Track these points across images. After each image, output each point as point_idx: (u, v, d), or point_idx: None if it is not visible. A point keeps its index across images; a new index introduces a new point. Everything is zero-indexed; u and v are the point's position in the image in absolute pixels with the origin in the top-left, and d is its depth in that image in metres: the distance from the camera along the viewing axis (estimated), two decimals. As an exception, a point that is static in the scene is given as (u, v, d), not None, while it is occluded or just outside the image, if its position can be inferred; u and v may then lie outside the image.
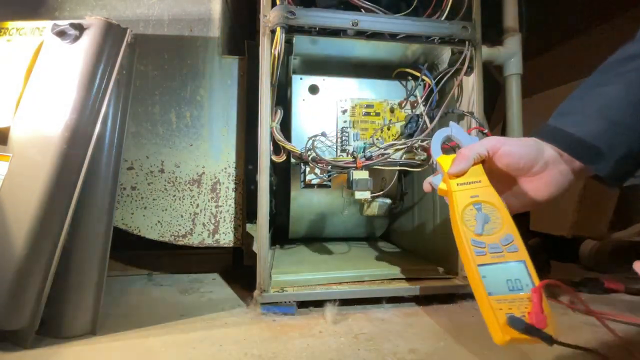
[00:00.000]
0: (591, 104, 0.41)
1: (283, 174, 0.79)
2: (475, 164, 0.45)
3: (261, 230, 0.59)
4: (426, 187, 0.49)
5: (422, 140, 0.70)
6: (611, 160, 0.39)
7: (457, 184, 0.45)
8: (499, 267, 0.40)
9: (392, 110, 0.76)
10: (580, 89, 0.43)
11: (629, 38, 0.42)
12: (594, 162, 0.40)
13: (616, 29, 0.98)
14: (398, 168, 0.71)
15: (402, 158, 0.69)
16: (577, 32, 1.08)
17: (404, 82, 0.79)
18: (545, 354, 0.46)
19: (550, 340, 0.36)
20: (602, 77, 0.42)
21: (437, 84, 0.69)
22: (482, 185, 0.44)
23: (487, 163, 0.45)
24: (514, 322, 0.36)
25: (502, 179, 0.44)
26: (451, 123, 0.52)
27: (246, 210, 0.76)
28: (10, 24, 0.56)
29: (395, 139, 0.73)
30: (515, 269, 0.39)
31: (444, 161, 0.48)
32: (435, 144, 0.51)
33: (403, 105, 0.76)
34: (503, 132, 0.83)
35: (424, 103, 0.72)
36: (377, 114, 0.76)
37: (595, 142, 0.39)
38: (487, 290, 0.39)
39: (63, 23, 0.53)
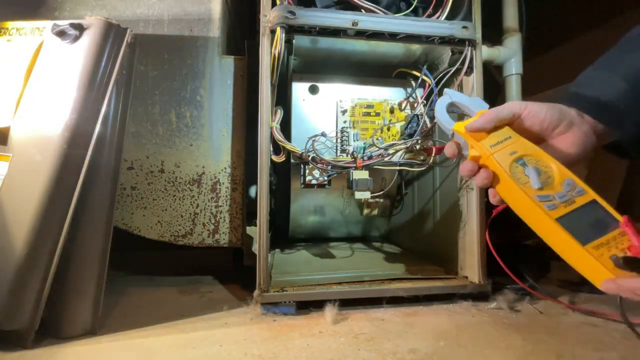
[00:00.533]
0: (612, 69, 0.41)
1: (283, 174, 0.79)
2: (496, 126, 0.44)
3: (261, 230, 0.59)
4: (450, 151, 0.46)
5: (422, 141, 0.70)
6: (630, 122, 0.39)
7: (490, 146, 0.42)
8: (576, 215, 0.37)
9: (392, 111, 0.76)
10: (600, 60, 0.43)
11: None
12: (614, 124, 0.40)
13: (616, 29, 0.98)
14: (398, 168, 0.71)
15: (402, 158, 0.69)
16: (577, 32, 1.08)
17: (403, 82, 0.79)
18: (545, 354, 0.46)
19: None
20: (623, 47, 0.42)
21: (437, 84, 0.69)
22: (514, 140, 0.42)
23: (512, 126, 0.43)
24: (628, 263, 0.34)
25: (531, 140, 0.43)
26: (446, 90, 0.50)
27: (246, 210, 0.76)
28: (10, 24, 0.56)
29: (395, 139, 0.73)
30: (592, 210, 0.37)
31: (463, 128, 0.45)
32: (442, 114, 0.48)
33: (403, 105, 0.76)
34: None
35: (424, 103, 0.72)
36: (377, 114, 0.76)
37: (615, 103, 0.39)
38: (579, 241, 0.36)
39: (63, 23, 0.53)
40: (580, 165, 0.41)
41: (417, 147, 0.71)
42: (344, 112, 0.75)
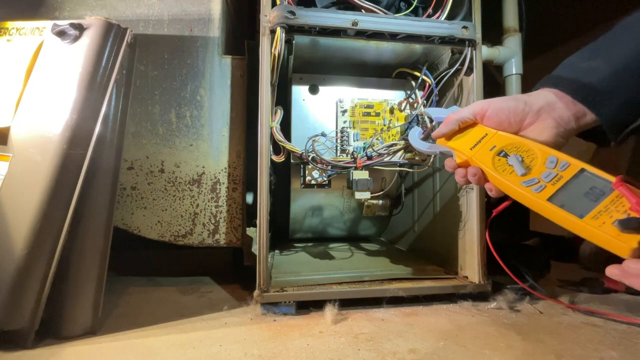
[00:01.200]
0: (597, 55, 0.41)
1: (283, 174, 0.79)
2: (461, 127, 0.47)
3: (261, 230, 0.59)
4: (449, 165, 0.49)
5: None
6: (613, 104, 0.38)
7: (470, 148, 0.45)
8: (567, 189, 0.37)
9: (392, 111, 0.76)
10: (586, 47, 0.43)
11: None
12: (591, 103, 0.39)
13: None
14: (398, 168, 0.71)
15: (402, 158, 0.69)
16: (577, 32, 1.08)
17: (404, 82, 0.79)
18: (545, 354, 0.46)
19: None
20: (610, 35, 0.42)
21: (437, 84, 0.69)
22: (491, 136, 0.44)
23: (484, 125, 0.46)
24: (628, 224, 0.32)
25: None
26: (425, 110, 0.54)
27: (246, 210, 0.76)
28: (10, 24, 0.56)
29: (395, 139, 0.73)
30: (582, 180, 0.37)
31: (442, 141, 0.49)
32: (415, 143, 0.54)
33: (403, 105, 0.76)
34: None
35: (424, 103, 0.72)
36: (377, 114, 0.76)
37: (596, 84, 0.39)
38: (577, 215, 0.35)
39: (63, 23, 0.53)
40: (555, 148, 0.42)
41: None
42: (344, 112, 0.75)
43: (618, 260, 0.33)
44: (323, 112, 0.76)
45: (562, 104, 0.41)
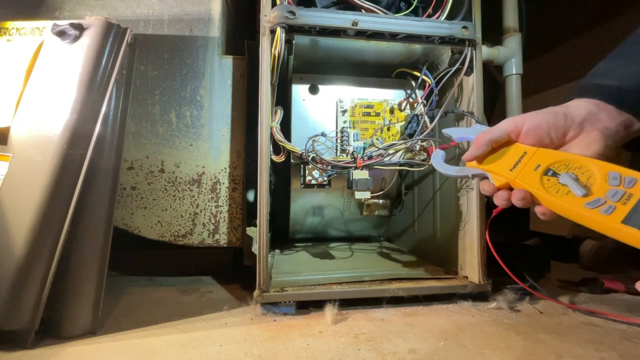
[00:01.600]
0: (629, 58, 0.39)
1: (283, 174, 0.79)
2: (494, 148, 0.42)
3: (261, 230, 0.59)
4: (487, 189, 0.43)
5: (422, 141, 0.70)
6: None
7: (510, 170, 0.40)
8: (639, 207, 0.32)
9: (392, 111, 0.76)
10: (614, 51, 0.41)
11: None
12: (637, 110, 0.37)
13: (616, 29, 0.98)
14: (398, 168, 0.71)
15: (402, 158, 0.69)
16: (577, 32, 1.08)
17: (404, 82, 0.79)
18: (545, 354, 0.46)
19: None
20: (637, 38, 0.40)
21: (437, 84, 0.69)
22: (531, 153, 0.39)
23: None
24: None
25: None
26: (444, 131, 0.50)
27: (246, 210, 0.76)
28: (10, 24, 0.56)
29: (395, 139, 0.73)
30: None
31: (473, 163, 0.44)
32: (441, 167, 0.48)
33: (403, 105, 0.76)
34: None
35: (423, 103, 0.72)
36: (377, 114, 0.76)
37: (637, 89, 0.37)
38: None
39: (63, 23, 0.53)
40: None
41: (417, 147, 0.71)
42: (344, 112, 0.75)
43: (618, 260, 0.33)
44: (323, 112, 0.76)
45: (605, 114, 0.38)
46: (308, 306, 0.61)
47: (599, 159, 0.37)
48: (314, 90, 0.76)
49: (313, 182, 0.72)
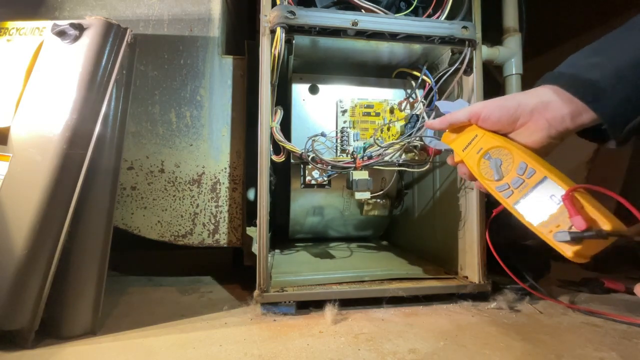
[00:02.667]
0: (600, 53, 0.41)
1: (283, 174, 0.79)
2: (460, 127, 0.49)
3: (261, 230, 0.59)
4: (450, 160, 0.53)
5: (420, 139, 0.70)
6: (613, 101, 0.38)
7: (462, 150, 0.48)
8: (530, 196, 0.39)
9: (392, 110, 0.76)
10: (591, 45, 0.43)
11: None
12: (590, 99, 0.39)
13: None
14: (397, 168, 0.71)
15: (402, 158, 0.69)
16: (577, 32, 1.08)
17: (403, 82, 0.79)
18: (545, 354, 0.46)
19: (600, 234, 0.35)
20: (617, 34, 0.42)
21: (437, 84, 0.69)
22: (480, 136, 0.46)
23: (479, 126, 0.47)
24: (560, 238, 0.36)
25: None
26: (436, 103, 0.57)
27: (246, 210, 0.76)
28: (10, 24, 0.56)
29: (395, 139, 0.73)
30: (543, 188, 0.39)
31: (447, 137, 0.52)
32: (428, 139, 0.60)
33: (403, 105, 0.76)
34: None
35: (423, 103, 0.72)
36: (377, 114, 0.76)
37: (598, 81, 0.39)
38: (532, 222, 0.39)
39: (63, 23, 0.53)
40: (549, 149, 0.43)
41: (417, 146, 0.71)
42: (344, 112, 0.75)
43: (619, 260, 0.34)
44: (323, 112, 0.76)
45: (559, 102, 0.40)
46: (308, 306, 0.61)
47: (540, 145, 0.42)
48: (314, 90, 0.76)
49: (313, 182, 0.72)
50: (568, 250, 0.36)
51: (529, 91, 0.44)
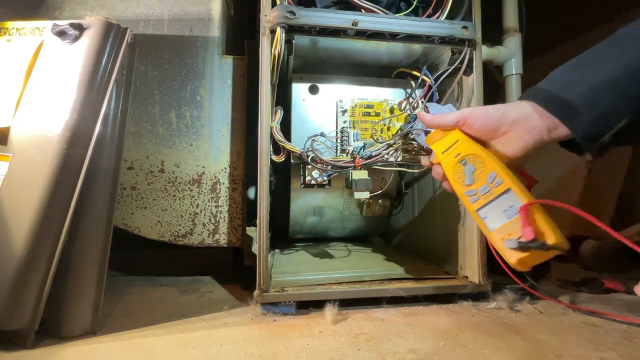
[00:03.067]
0: (578, 68, 0.43)
1: (283, 174, 0.79)
2: (442, 129, 0.51)
3: (261, 230, 0.59)
4: (425, 164, 0.57)
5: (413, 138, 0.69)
6: (586, 118, 0.40)
7: (442, 153, 0.50)
8: (492, 204, 0.43)
9: (392, 111, 0.76)
10: (574, 59, 0.45)
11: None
12: (564, 116, 0.41)
13: (615, 30, 0.98)
14: (397, 168, 0.71)
15: (402, 158, 0.69)
16: (577, 32, 1.08)
17: (403, 82, 0.79)
18: (545, 354, 0.46)
19: (543, 246, 0.38)
20: (597, 50, 0.44)
21: (436, 83, 0.69)
22: (460, 142, 0.48)
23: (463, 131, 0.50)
24: (509, 245, 0.40)
25: (479, 142, 0.48)
26: (427, 104, 0.60)
27: (246, 210, 0.76)
28: (10, 24, 0.56)
29: (395, 139, 0.72)
30: (505, 198, 0.42)
31: (430, 138, 0.54)
32: (418, 137, 0.62)
33: (403, 105, 0.76)
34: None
35: (423, 102, 0.72)
36: (377, 114, 0.76)
37: (573, 98, 0.41)
38: (489, 227, 0.43)
39: (63, 23, 0.53)
40: (525, 158, 0.45)
41: (416, 146, 0.70)
42: (344, 112, 0.75)
43: (618, 260, 0.34)
44: (323, 112, 0.76)
45: (537, 116, 0.43)
46: (308, 306, 0.61)
47: (518, 154, 0.44)
48: (314, 90, 0.76)
49: (313, 182, 0.72)
50: (512, 257, 0.40)
51: (513, 103, 0.46)
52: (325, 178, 0.72)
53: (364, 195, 0.66)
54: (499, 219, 0.42)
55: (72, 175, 0.49)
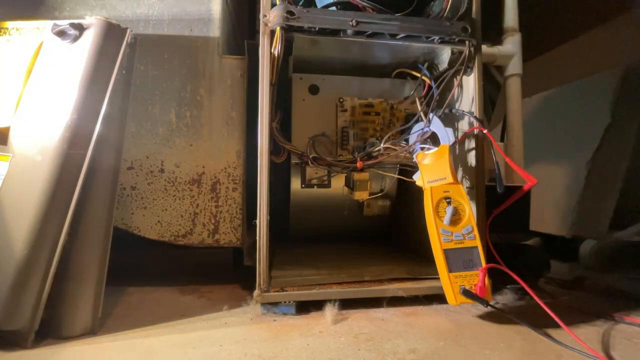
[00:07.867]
0: None
1: (283, 174, 0.79)
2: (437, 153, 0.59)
3: (261, 230, 0.59)
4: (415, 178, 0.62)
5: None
6: None
7: (428, 182, 0.58)
8: (459, 251, 0.53)
9: (392, 110, 0.76)
10: None
11: (628, 38, 0.42)
12: None
13: (615, 30, 0.98)
14: (397, 176, 0.71)
15: (402, 158, 0.69)
16: (576, 32, 1.08)
17: (404, 82, 0.79)
18: (545, 354, 0.46)
19: (486, 303, 0.53)
20: None
21: (436, 83, 0.69)
22: (448, 181, 0.56)
23: None
24: (466, 293, 0.52)
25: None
26: (431, 115, 0.64)
27: (246, 210, 0.76)
28: (10, 24, 0.56)
29: (395, 139, 0.72)
30: (471, 253, 0.54)
31: (420, 156, 0.60)
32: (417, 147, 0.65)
33: (403, 105, 0.76)
34: (503, 132, 0.83)
35: (423, 102, 0.72)
36: (377, 114, 0.76)
37: None
38: (449, 268, 0.53)
39: (63, 23, 0.53)
40: None
41: (416, 147, 0.70)
42: (344, 111, 0.75)
43: (618, 260, 0.34)
44: (323, 112, 0.76)
45: None
46: (308, 306, 0.61)
47: None
48: (314, 90, 0.76)
49: (313, 182, 0.72)
50: (458, 299, 0.52)
51: None
52: (325, 178, 0.73)
53: (365, 195, 0.67)
54: (459, 266, 0.53)
55: (72, 175, 0.49)
